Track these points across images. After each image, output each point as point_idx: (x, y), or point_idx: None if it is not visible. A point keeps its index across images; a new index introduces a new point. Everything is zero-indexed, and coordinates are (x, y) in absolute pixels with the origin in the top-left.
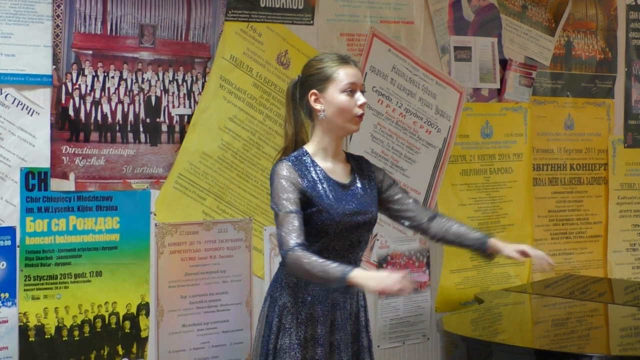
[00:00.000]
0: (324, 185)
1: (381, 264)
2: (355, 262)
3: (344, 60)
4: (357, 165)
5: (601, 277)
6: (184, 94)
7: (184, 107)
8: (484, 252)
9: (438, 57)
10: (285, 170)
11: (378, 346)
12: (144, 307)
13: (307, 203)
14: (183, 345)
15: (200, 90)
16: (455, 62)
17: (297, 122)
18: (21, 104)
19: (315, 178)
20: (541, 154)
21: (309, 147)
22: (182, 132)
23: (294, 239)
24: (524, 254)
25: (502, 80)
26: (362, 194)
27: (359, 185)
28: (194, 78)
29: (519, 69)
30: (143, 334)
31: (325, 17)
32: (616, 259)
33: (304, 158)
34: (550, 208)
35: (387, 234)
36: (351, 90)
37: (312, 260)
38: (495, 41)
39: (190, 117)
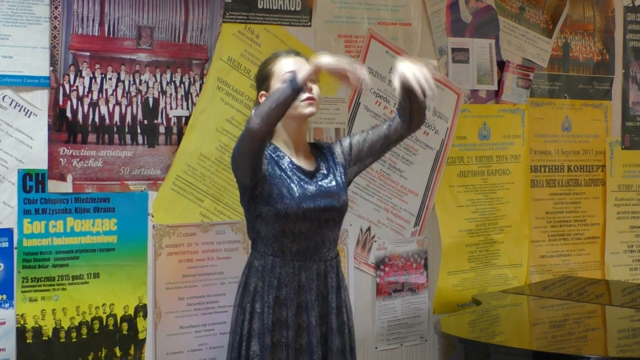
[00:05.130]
0: (288, 172)
1: (379, 265)
2: (323, 244)
3: (279, 54)
4: (322, 152)
5: (599, 279)
6: (182, 96)
7: (182, 108)
8: (404, 96)
9: (436, 58)
10: None
11: (376, 348)
12: (141, 309)
13: (267, 185)
14: (181, 347)
15: (198, 92)
16: (452, 64)
17: None
18: (19, 105)
19: (280, 164)
20: (539, 156)
21: (274, 142)
22: (180, 134)
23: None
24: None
25: (500, 82)
26: (328, 179)
27: (323, 171)
28: (192, 80)
29: (516, 71)
30: (141, 336)
31: (323, 18)
32: (614, 261)
33: (270, 148)
34: (548, 209)
35: (384, 236)
36: None
37: (264, 101)
38: (493, 43)
39: (187, 118)
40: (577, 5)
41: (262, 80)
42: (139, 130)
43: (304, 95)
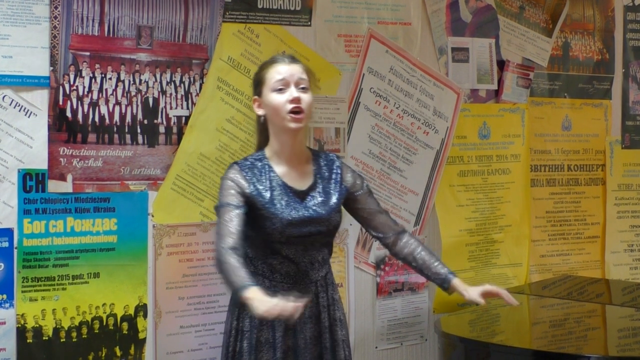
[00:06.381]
0: (275, 192)
1: (379, 264)
2: (312, 266)
3: (274, 60)
4: (322, 166)
5: (599, 278)
6: (182, 96)
7: (182, 108)
8: (445, 289)
9: (435, 58)
10: (232, 173)
11: (376, 347)
12: (141, 309)
13: (251, 207)
14: (181, 346)
15: (198, 92)
16: (452, 63)
17: (261, 136)
18: (19, 105)
19: (267, 184)
20: (539, 155)
21: (267, 150)
22: (180, 134)
23: (229, 240)
24: (488, 294)
25: (500, 82)
26: (320, 201)
27: (319, 190)
28: (192, 79)
29: (516, 70)
30: (141, 336)
31: (323, 18)
32: (614, 260)
33: (259, 163)
34: (548, 209)
35: None
36: (281, 88)
37: (228, 262)
38: (493, 42)
39: (187, 118)
40: (577, 4)
41: (256, 84)
42: (139, 130)
43: (290, 106)
